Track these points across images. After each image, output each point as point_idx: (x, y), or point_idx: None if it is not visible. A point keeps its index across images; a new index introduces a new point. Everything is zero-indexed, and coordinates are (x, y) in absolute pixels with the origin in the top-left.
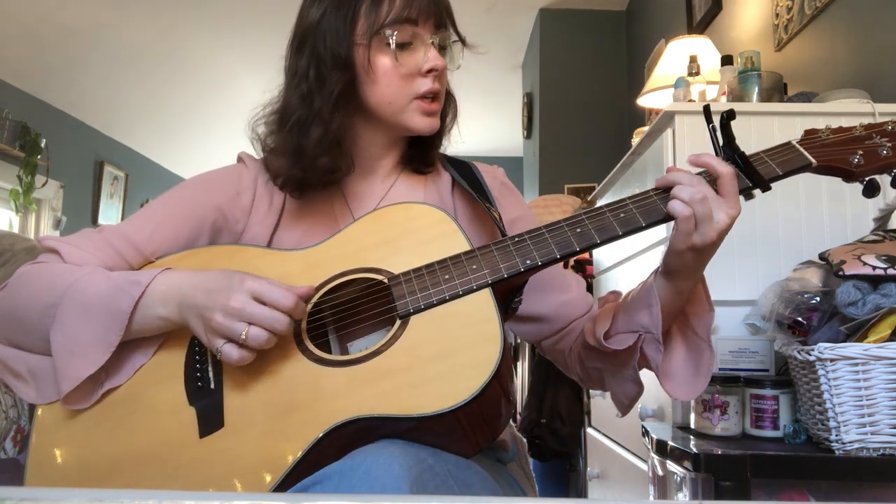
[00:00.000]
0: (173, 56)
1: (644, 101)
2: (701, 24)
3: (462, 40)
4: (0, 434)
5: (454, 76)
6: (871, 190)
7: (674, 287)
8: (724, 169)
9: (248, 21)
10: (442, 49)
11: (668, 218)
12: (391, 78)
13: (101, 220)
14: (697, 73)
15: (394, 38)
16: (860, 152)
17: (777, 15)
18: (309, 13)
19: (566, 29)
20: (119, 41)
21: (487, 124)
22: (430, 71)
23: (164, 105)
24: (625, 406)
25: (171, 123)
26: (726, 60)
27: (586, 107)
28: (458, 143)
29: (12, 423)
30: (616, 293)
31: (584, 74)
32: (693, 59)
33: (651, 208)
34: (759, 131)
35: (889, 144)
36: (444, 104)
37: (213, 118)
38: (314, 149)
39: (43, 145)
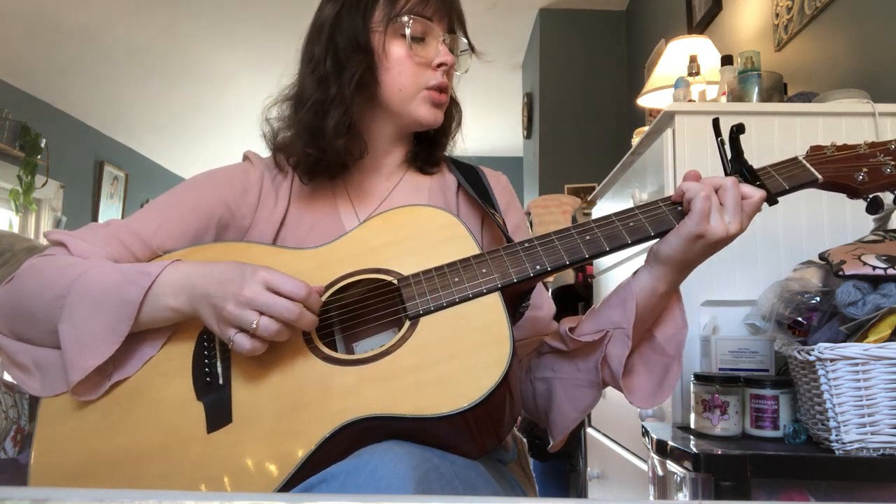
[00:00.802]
0: (173, 56)
1: (644, 101)
2: (701, 24)
3: (472, 48)
4: (0, 434)
5: (454, 77)
6: (874, 207)
7: (652, 287)
8: (725, 181)
9: (248, 21)
10: (451, 51)
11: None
12: (404, 65)
13: (101, 220)
14: (697, 73)
15: (409, 27)
16: (865, 170)
17: (777, 15)
18: (325, 10)
19: (566, 29)
20: (119, 41)
21: (487, 124)
22: (440, 65)
23: (164, 105)
24: (568, 422)
25: (171, 123)
26: (726, 60)
27: (586, 107)
28: (460, 147)
29: (12, 423)
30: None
31: (584, 74)
32: (693, 59)
33: (660, 218)
34: (759, 131)
35: (893, 163)
36: (449, 108)
37: (213, 118)
38: (333, 130)
39: (43, 145)
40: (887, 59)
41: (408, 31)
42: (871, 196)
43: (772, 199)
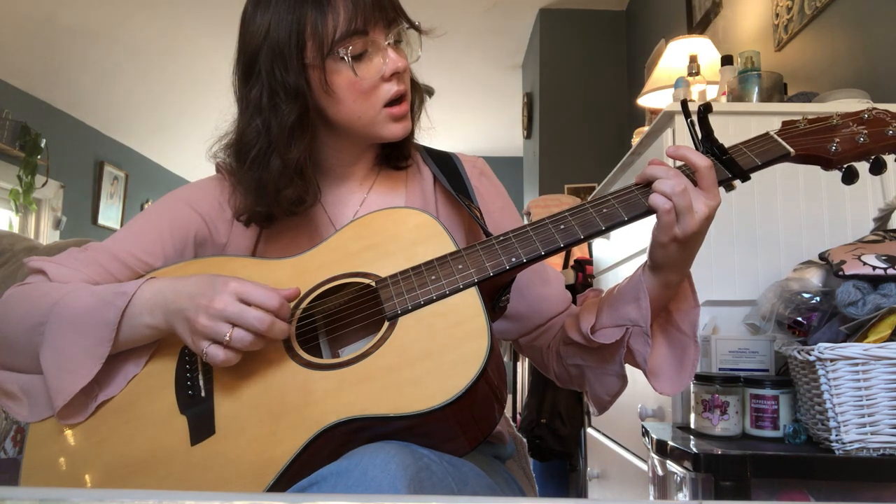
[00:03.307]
0: (173, 56)
1: (644, 101)
2: (701, 24)
3: (415, 27)
4: (0, 434)
5: (455, 77)
6: (849, 177)
7: (661, 280)
8: (702, 162)
9: None
10: (397, 42)
11: (650, 212)
12: (355, 94)
13: (101, 220)
14: (697, 73)
15: (348, 53)
16: (837, 140)
17: (777, 15)
18: (251, 39)
19: (566, 29)
20: (119, 41)
21: (487, 124)
22: (392, 75)
23: (164, 105)
24: (604, 403)
25: (171, 123)
26: (726, 60)
27: (586, 107)
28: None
29: (12, 423)
30: (597, 291)
31: (584, 74)
32: (693, 59)
33: (633, 203)
34: (758, 131)
35: (866, 132)
36: (410, 94)
37: (214, 118)
38: (276, 181)
39: (43, 145)
40: (887, 59)
41: (347, 57)
42: (845, 166)
43: (745, 176)
